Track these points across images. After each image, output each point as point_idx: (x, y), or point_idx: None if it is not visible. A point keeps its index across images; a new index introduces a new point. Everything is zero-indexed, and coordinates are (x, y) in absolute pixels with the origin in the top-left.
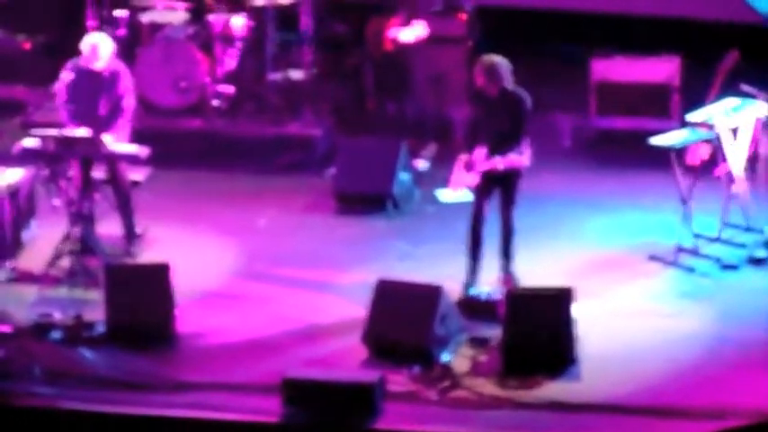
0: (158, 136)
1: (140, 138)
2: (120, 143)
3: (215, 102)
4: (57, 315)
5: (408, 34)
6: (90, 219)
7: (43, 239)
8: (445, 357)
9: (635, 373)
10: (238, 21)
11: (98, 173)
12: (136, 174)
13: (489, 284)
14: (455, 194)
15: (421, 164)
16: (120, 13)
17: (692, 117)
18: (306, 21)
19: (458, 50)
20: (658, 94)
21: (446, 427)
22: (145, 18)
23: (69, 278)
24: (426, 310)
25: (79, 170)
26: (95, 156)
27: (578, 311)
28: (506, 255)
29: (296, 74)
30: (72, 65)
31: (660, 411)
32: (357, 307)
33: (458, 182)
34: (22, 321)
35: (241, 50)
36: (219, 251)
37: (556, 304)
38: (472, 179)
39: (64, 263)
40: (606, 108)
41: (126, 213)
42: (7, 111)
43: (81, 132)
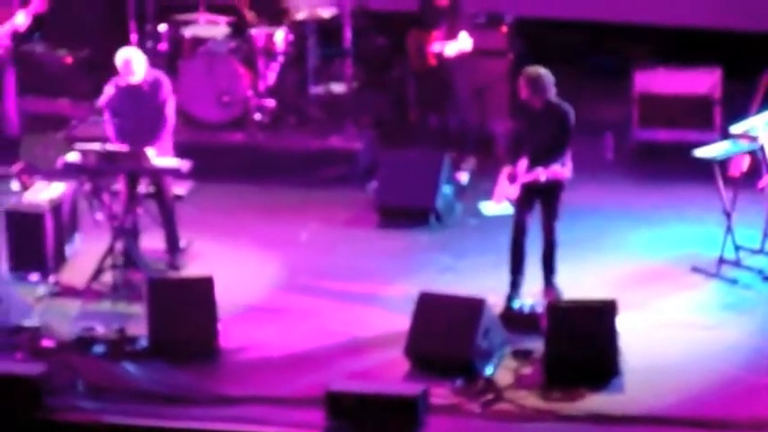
0: (201, 150)
1: (183, 151)
2: (162, 157)
3: (257, 115)
4: (100, 329)
5: (452, 48)
6: (133, 233)
7: (86, 254)
8: (488, 370)
9: (677, 385)
10: (280, 35)
11: (142, 187)
12: (178, 188)
13: (532, 297)
14: (498, 207)
15: (463, 177)
16: (162, 28)
17: (735, 129)
18: (347, 34)
19: (499, 63)
20: (700, 106)
21: None
22: (187, 32)
23: (112, 292)
24: (469, 323)
25: (125, 185)
26: (139, 170)
27: (621, 323)
28: (549, 267)
29: (337, 87)
30: (113, 82)
31: (702, 423)
32: (400, 320)
33: (501, 194)
34: (66, 336)
35: (283, 64)
36: (262, 265)
37: (598, 316)
38: (514, 191)
39: (107, 277)
40: (648, 120)
41: (169, 227)
42: (51, 125)
43: (124, 147)
